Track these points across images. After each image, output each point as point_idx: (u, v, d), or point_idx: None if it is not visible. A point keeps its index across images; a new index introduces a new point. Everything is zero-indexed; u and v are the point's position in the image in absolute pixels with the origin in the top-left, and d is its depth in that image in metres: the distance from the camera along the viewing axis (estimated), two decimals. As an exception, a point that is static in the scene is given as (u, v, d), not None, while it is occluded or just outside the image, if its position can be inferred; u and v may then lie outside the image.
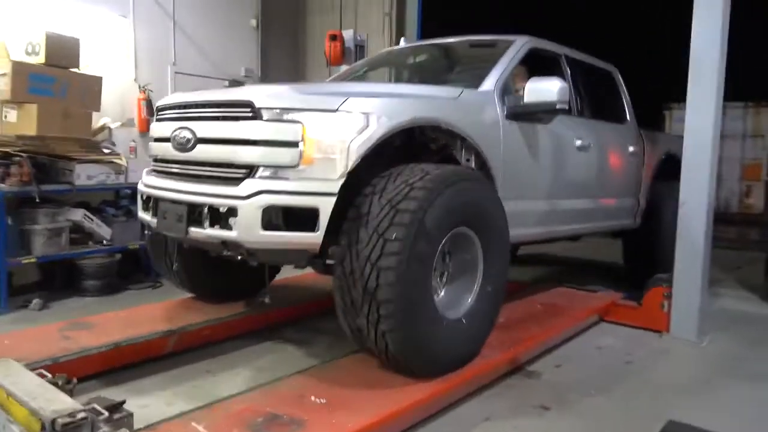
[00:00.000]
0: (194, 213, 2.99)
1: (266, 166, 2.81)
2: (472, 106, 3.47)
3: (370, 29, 7.35)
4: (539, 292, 4.76)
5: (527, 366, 3.71)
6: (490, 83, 3.68)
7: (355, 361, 3.18)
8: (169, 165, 3.30)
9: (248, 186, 2.78)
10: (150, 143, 3.53)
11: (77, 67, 5.27)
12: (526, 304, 4.43)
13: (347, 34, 6.63)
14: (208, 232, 2.93)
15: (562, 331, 3.98)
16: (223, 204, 2.84)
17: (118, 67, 6.10)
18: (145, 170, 3.58)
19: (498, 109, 3.60)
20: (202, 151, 3.06)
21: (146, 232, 4.05)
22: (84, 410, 2.38)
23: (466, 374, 3.10)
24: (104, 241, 5.36)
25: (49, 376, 2.78)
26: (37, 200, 4.83)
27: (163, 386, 3.30)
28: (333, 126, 2.82)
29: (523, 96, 3.59)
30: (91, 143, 5.29)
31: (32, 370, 2.80)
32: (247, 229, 2.76)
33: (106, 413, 2.44)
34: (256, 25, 7.59)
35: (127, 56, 6.19)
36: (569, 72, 4.46)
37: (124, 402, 2.57)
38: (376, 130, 2.84)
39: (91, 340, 3.37)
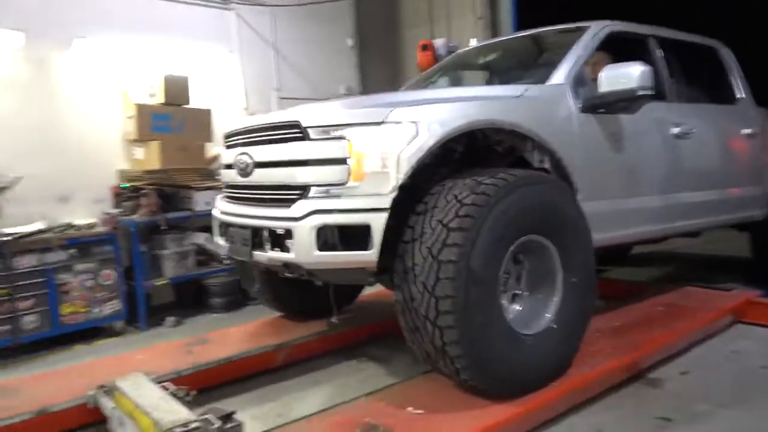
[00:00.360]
0: (257, 236, 3.03)
1: (318, 186, 2.78)
2: (538, 103, 3.22)
3: (465, 36, 7.28)
4: (661, 293, 4.38)
5: (648, 373, 3.42)
6: (560, 76, 3.42)
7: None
8: (235, 190, 3.37)
9: (301, 207, 2.77)
10: (221, 170, 3.61)
11: (188, 103, 5.72)
12: (645, 306, 4.11)
13: (438, 42, 6.59)
14: (269, 255, 2.95)
15: (686, 334, 3.63)
16: (279, 226, 2.85)
17: (230, 99, 6.54)
18: (218, 196, 3.67)
19: (571, 102, 3.34)
20: (260, 175, 3.10)
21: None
22: (197, 421, 2.56)
23: (563, 387, 2.90)
24: (225, 261, 5.75)
25: (173, 388, 3.01)
26: (164, 227, 5.30)
27: (274, 397, 3.46)
28: (380, 139, 2.72)
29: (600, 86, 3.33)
30: (206, 172, 5.71)
31: (159, 383, 3.06)
32: (303, 250, 2.75)
33: (218, 423, 2.60)
34: (353, 43, 7.80)
35: (237, 87, 6.62)
36: (660, 54, 4.11)
37: (234, 412, 2.73)
38: (427, 139, 2.70)
39: (210, 355, 3.62)
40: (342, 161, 2.73)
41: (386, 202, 2.65)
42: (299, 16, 7.11)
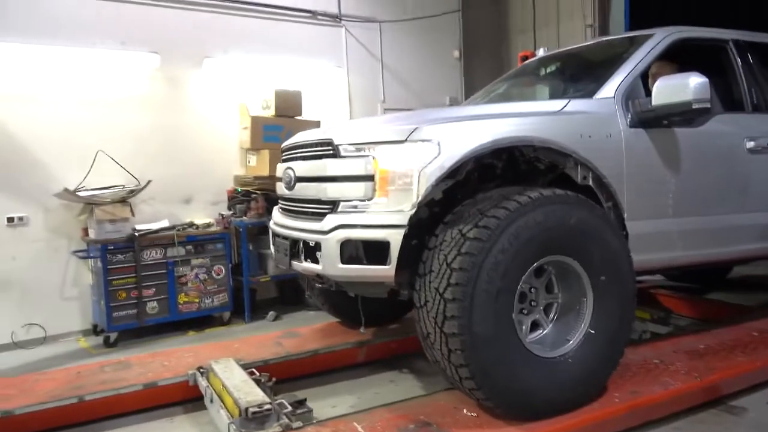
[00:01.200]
0: (294, 247, 3.18)
1: (346, 201, 2.88)
2: (578, 118, 3.10)
3: (574, 43, 7.16)
4: (760, 319, 4.10)
5: (730, 400, 3.26)
6: (609, 89, 3.29)
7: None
8: (284, 202, 3.53)
9: (329, 221, 2.88)
10: (277, 183, 3.73)
11: (300, 114, 6.19)
12: (737, 331, 3.86)
13: (540, 52, 6.54)
14: (303, 265, 3.10)
15: (771, 363, 3.39)
16: (312, 239, 2.99)
17: (337, 110, 6.96)
18: (275, 208, 3.81)
19: (619, 117, 3.20)
20: (300, 189, 3.24)
21: None
22: (271, 403, 2.89)
23: (629, 404, 2.88)
24: (280, 267, 6.14)
25: (257, 374, 3.38)
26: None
27: (351, 390, 3.72)
28: (403, 157, 2.76)
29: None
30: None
31: (247, 368, 3.44)
32: (329, 262, 2.86)
33: (290, 407, 2.91)
34: (459, 55, 7.94)
35: (343, 100, 7.02)
36: (739, 61, 3.85)
37: (305, 400, 3.02)
38: (448, 158, 2.71)
39: (297, 347, 3.96)
40: (369, 178, 2.82)
41: (404, 219, 2.70)
42: (406, 29, 7.37)
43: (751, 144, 3.68)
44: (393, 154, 2.78)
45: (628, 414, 2.86)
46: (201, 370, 3.52)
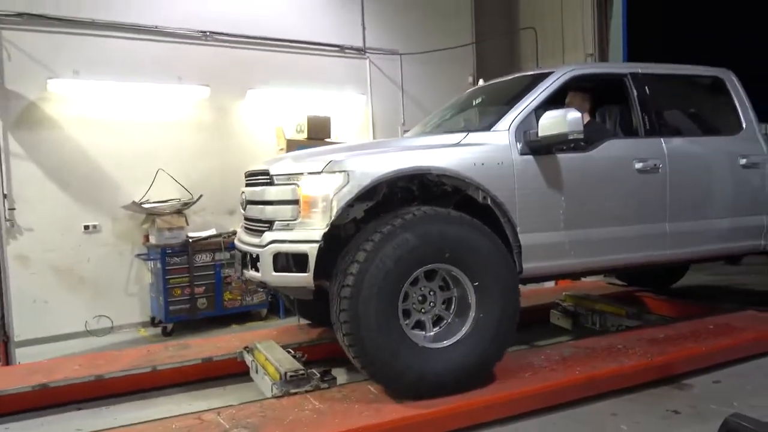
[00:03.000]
0: (245, 259, 3.71)
1: (279, 221, 3.44)
2: (473, 149, 3.60)
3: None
4: (720, 315, 4.76)
5: (682, 379, 3.93)
6: (505, 123, 3.78)
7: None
8: (244, 221, 4.07)
9: (266, 237, 3.43)
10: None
11: (329, 137, 7.04)
12: (696, 324, 4.52)
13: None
14: (250, 273, 3.64)
15: (721, 349, 4.06)
16: (254, 251, 3.52)
17: (361, 133, 7.81)
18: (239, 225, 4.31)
19: (511, 146, 3.69)
20: (249, 210, 3.83)
21: None
22: (305, 371, 3.68)
23: (580, 377, 3.58)
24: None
25: (293, 352, 4.18)
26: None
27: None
28: (319, 185, 3.30)
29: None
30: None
31: (284, 348, 4.23)
32: (265, 271, 3.40)
33: (319, 375, 3.70)
34: (473, 80, 8.73)
35: (367, 124, 7.87)
36: (635, 92, 4.33)
37: (330, 370, 3.79)
38: (356, 185, 3.24)
39: (321, 336, 4.73)
40: (294, 202, 3.37)
41: (319, 236, 3.23)
42: (425, 60, 8.17)
43: (639, 165, 4.13)
44: (312, 182, 3.34)
45: (586, 383, 3.58)
46: (247, 348, 4.32)
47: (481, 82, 5.29)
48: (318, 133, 6.94)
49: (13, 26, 5.71)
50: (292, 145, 6.79)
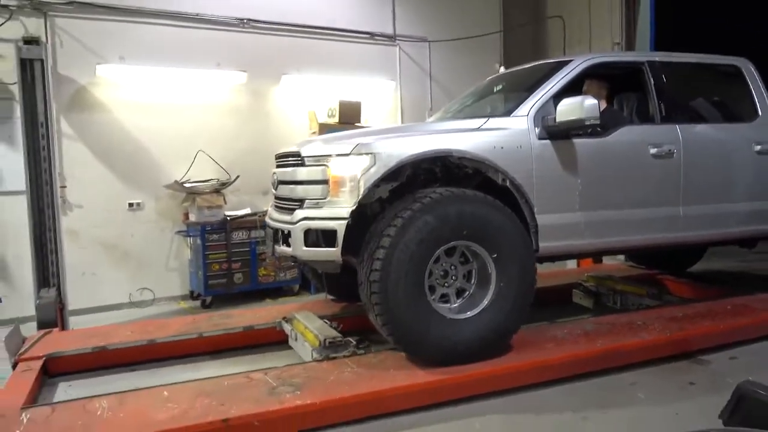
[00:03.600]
0: (276, 235, 3.93)
1: (309, 199, 3.66)
2: (494, 134, 3.79)
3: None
4: (738, 296, 4.93)
5: (700, 355, 4.13)
6: (525, 109, 3.95)
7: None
8: (274, 200, 4.28)
9: (297, 214, 3.64)
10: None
11: (359, 122, 7.28)
12: (715, 305, 4.68)
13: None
14: (281, 249, 3.85)
15: (738, 327, 4.24)
16: (286, 228, 3.74)
17: (390, 119, 8.04)
18: (270, 204, 4.51)
19: (530, 131, 3.87)
20: (280, 190, 4.04)
21: None
22: (342, 338, 3.95)
23: (599, 349, 3.83)
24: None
25: (329, 322, 4.45)
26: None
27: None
28: (347, 166, 3.51)
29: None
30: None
31: (321, 318, 4.51)
32: (296, 246, 3.61)
33: (355, 342, 3.97)
34: (499, 68, 8.87)
35: (396, 109, 8.09)
36: (652, 80, 4.47)
37: (363, 338, 4.06)
38: (382, 166, 3.46)
39: (353, 309, 4.99)
40: (324, 182, 3.59)
41: (347, 213, 3.44)
42: (453, 47, 8.35)
43: (654, 150, 4.29)
44: (341, 164, 3.55)
45: (606, 354, 3.79)
46: (285, 318, 4.59)
47: (502, 70, 5.41)
48: (349, 117, 7.18)
49: (65, 14, 6.03)
50: (324, 129, 7.02)
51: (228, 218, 6.37)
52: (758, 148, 4.69)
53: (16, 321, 4.79)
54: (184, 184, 6.37)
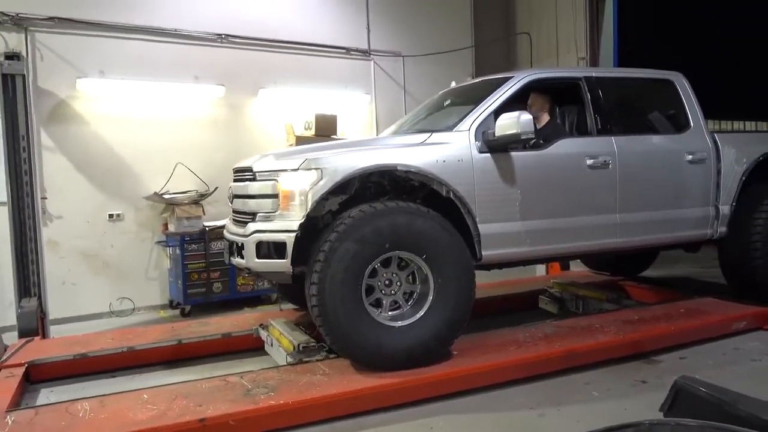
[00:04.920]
0: (231, 247, 4.09)
1: (261, 213, 3.81)
2: (436, 148, 3.96)
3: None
4: (690, 299, 5.24)
5: (652, 356, 4.39)
6: (467, 123, 4.13)
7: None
8: (231, 213, 4.43)
9: (250, 227, 3.80)
10: None
11: (335, 134, 7.51)
12: (669, 308, 4.98)
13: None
14: (236, 260, 4.00)
15: (688, 329, 4.51)
16: (239, 240, 3.89)
17: (365, 131, 8.26)
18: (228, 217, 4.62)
19: (471, 145, 4.05)
20: (235, 203, 4.24)
21: None
22: (316, 343, 4.14)
23: (561, 350, 4.08)
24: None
25: (303, 329, 4.63)
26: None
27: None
28: (296, 181, 3.65)
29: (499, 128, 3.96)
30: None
31: (296, 325, 4.66)
32: (249, 258, 3.77)
33: (326, 347, 4.14)
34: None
35: (371, 122, 8.33)
36: (589, 94, 4.67)
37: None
38: (326, 182, 3.61)
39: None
40: (274, 196, 3.74)
41: (296, 226, 3.60)
42: (426, 61, 8.61)
43: (590, 161, 4.46)
44: (290, 178, 3.70)
45: (564, 356, 4.04)
46: (262, 325, 4.77)
47: (453, 84, 5.57)
48: (325, 130, 7.40)
49: (45, 29, 6.18)
50: (301, 141, 7.24)
51: (207, 228, 6.53)
52: (690, 157, 4.88)
53: (-3, 330, 4.90)
54: (164, 196, 6.52)
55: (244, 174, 4.12)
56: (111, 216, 6.53)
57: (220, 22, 7.11)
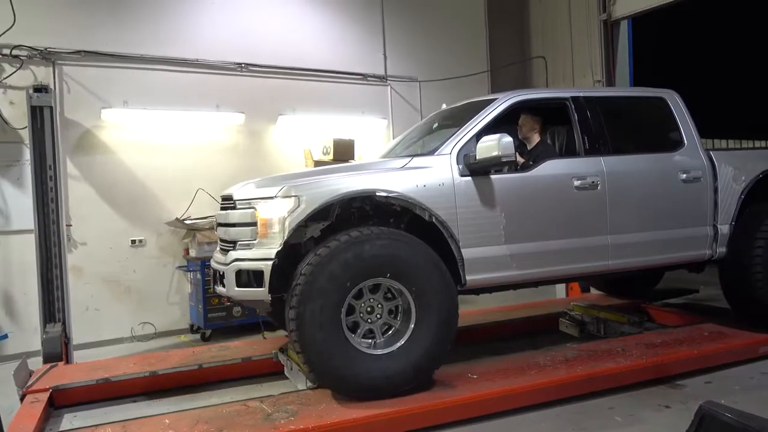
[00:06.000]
0: (215, 276, 4.09)
1: (241, 241, 3.79)
2: (416, 173, 3.91)
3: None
4: (713, 323, 5.16)
5: (676, 380, 4.33)
6: (449, 146, 4.09)
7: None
8: (218, 242, 4.39)
9: (230, 256, 3.79)
10: None
11: (353, 158, 7.57)
12: (693, 331, 4.93)
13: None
14: (219, 289, 3.99)
15: (713, 352, 4.45)
16: (221, 269, 3.88)
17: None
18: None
19: (452, 169, 3.99)
20: (219, 232, 4.23)
21: None
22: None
23: (590, 372, 4.05)
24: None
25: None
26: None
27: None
28: (274, 209, 3.64)
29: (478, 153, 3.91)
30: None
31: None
32: (230, 286, 3.75)
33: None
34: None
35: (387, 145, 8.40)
36: (576, 115, 4.59)
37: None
38: (304, 209, 3.58)
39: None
40: (253, 224, 3.72)
41: (273, 254, 3.57)
42: (442, 86, 8.66)
43: (577, 182, 4.37)
44: (268, 206, 3.69)
45: (586, 380, 4.01)
46: (281, 349, 4.80)
47: (443, 107, 5.53)
48: (343, 154, 7.48)
49: (72, 62, 6.38)
50: (319, 166, 7.34)
51: (227, 253, 6.60)
52: (684, 176, 4.75)
53: (23, 355, 4.97)
54: (185, 221, 6.63)
55: (225, 202, 4.12)
56: (133, 242, 6.65)
57: (240, 51, 7.28)
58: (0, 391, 4.56)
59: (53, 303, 5.33)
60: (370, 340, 3.75)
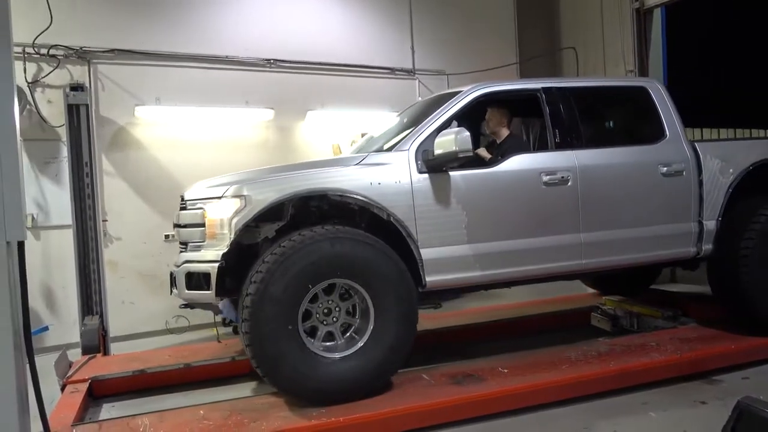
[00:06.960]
0: (171, 278, 3.92)
1: (191, 243, 3.73)
2: (371, 169, 3.75)
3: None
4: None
5: (713, 375, 4.25)
6: (407, 142, 3.92)
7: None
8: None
9: (181, 257, 3.73)
10: None
11: (381, 153, 7.60)
12: (730, 325, 4.80)
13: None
14: (174, 291, 3.86)
15: (749, 347, 4.35)
16: (174, 271, 3.79)
17: (411, 148, 8.32)
18: None
19: (410, 166, 3.82)
20: (175, 233, 4.14)
21: None
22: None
23: (614, 369, 4.00)
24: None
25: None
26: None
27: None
28: (220, 210, 3.54)
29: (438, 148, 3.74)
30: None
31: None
32: (180, 289, 3.68)
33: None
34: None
35: (417, 139, 8.39)
36: (548, 107, 4.34)
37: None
38: (250, 209, 3.45)
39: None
40: (201, 225, 3.63)
41: (219, 256, 3.47)
42: (470, 79, 8.54)
43: (546, 178, 4.14)
44: (214, 207, 3.60)
45: (619, 375, 3.96)
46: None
47: (419, 99, 5.20)
48: (371, 149, 7.50)
49: (107, 61, 6.51)
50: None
51: (257, 248, 6.68)
52: (664, 169, 4.48)
53: (63, 347, 5.13)
54: (216, 216, 6.71)
55: (181, 203, 4.04)
56: (167, 236, 6.76)
57: (269, 47, 7.33)
58: (42, 381, 4.70)
59: (91, 296, 5.48)
60: (330, 343, 3.66)
